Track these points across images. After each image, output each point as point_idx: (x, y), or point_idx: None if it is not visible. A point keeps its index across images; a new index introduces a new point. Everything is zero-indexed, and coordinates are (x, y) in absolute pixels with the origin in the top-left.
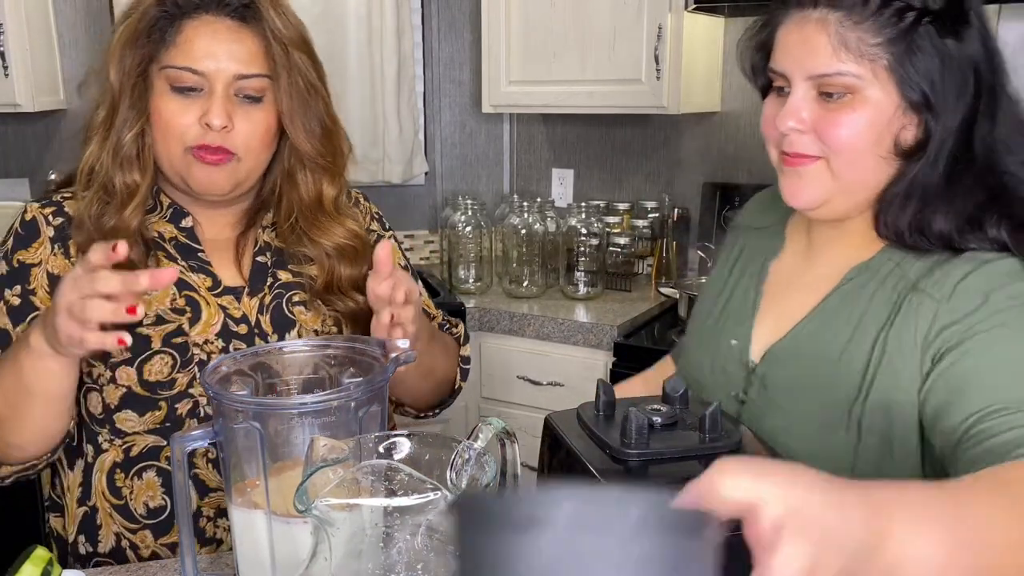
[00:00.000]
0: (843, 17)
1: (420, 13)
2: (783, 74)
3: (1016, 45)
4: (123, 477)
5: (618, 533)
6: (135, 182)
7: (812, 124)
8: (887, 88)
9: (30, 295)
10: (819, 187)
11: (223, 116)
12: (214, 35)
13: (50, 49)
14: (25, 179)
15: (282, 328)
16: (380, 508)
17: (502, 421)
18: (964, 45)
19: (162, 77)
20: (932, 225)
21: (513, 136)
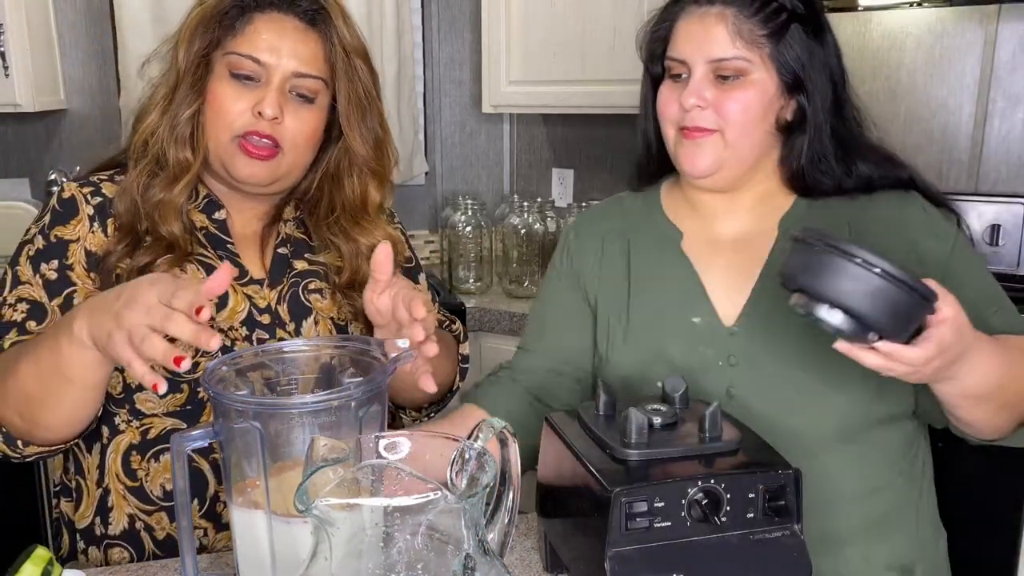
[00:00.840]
0: (737, 12)
1: (420, 13)
2: (683, 61)
3: (1016, 45)
4: (139, 459)
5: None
6: (187, 159)
7: (711, 101)
8: (770, 71)
9: (67, 270)
10: (714, 155)
11: (275, 107)
12: (281, 31)
13: (50, 49)
14: (25, 179)
15: (299, 316)
16: (380, 508)
17: (502, 421)
18: (823, 48)
19: (223, 62)
20: (857, 172)
21: (513, 136)
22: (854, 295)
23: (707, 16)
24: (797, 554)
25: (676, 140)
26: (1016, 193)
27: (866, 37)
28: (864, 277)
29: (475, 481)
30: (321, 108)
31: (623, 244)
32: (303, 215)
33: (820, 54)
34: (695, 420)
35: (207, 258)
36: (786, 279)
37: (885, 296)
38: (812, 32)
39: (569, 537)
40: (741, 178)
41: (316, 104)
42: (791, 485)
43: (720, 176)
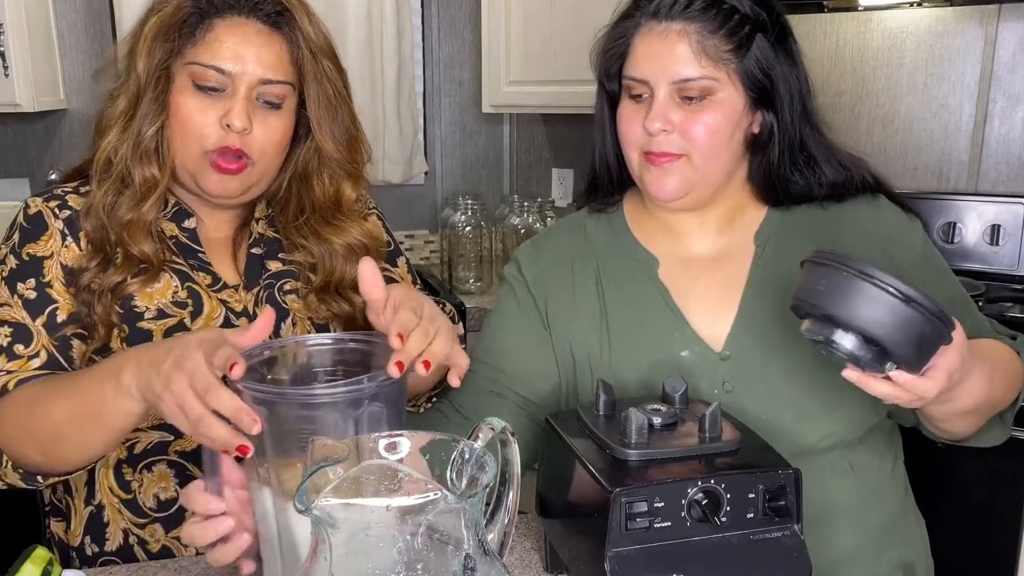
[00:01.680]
0: (700, 28)
1: (420, 13)
2: (644, 80)
3: (1016, 45)
4: (131, 471)
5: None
6: (154, 176)
7: (677, 124)
8: (737, 88)
9: (46, 288)
10: (682, 180)
11: (244, 118)
12: (244, 37)
13: (50, 49)
14: (25, 179)
15: (277, 319)
16: (380, 508)
17: (502, 421)
18: (788, 56)
19: (185, 73)
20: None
21: (513, 136)
22: (881, 324)
23: (668, 33)
24: (797, 554)
25: (641, 164)
26: (1016, 193)
27: (866, 37)
28: (893, 305)
29: (475, 481)
30: (289, 112)
31: (594, 273)
32: (274, 213)
33: (785, 62)
34: (695, 420)
35: (179, 265)
36: (804, 304)
37: (912, 325)
38: (776, 40)
39: (569, 537)
40: (711, 197)
41: (284, 109)
42: (791, 485)
43: (689, 198)
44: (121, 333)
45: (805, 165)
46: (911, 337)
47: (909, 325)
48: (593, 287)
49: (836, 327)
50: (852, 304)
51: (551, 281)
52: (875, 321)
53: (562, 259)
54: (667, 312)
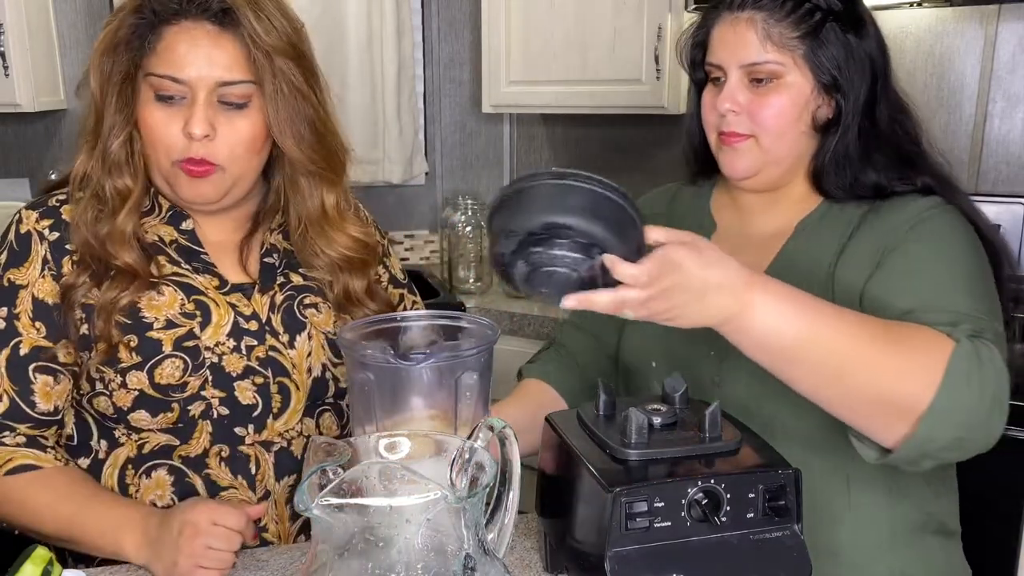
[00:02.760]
0: (767, 16)
1: (420, 13)
2: (719, 65)
3: (1016, 45)
4: (133, 474)
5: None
6: (127, 186)
7: (745, 106)
8: (804, 73)
9: (14, 319)
10: (751, 159)
11: (204, 125)
12: (193, 41)
13: (50, 49)
14: (25, 179)
15: (292, 330)
16: (380, 508)
17: (502, 421)
18: (862, 41)
19: (147, 84)
20: (866, 179)
21: (513, 136)
22: (572, 209)
23: (738, 22)
24: (797, 554)
25: (717, 145)
26: (1016, 193)
27: None
28: (561, 188)
29: (475, 481)
30: (257, 110)
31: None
32: (287, 225)
33: (859, 51)
34: (695, 420)
35: (182, 275)
36: (498, 251)
37: (596, 202)
38: (851, 28)
39: (569, 537)
40: (783, 178)
41: (251, 107)
42: (791, 485)
43: (760, 178)
44: (131, 343)
45: (857, 158)
46: (598, 216)
47: (593, 202)
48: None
49: (532, 240)
50: (532, 208)
51: None
52: (565, 208)
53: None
54: None
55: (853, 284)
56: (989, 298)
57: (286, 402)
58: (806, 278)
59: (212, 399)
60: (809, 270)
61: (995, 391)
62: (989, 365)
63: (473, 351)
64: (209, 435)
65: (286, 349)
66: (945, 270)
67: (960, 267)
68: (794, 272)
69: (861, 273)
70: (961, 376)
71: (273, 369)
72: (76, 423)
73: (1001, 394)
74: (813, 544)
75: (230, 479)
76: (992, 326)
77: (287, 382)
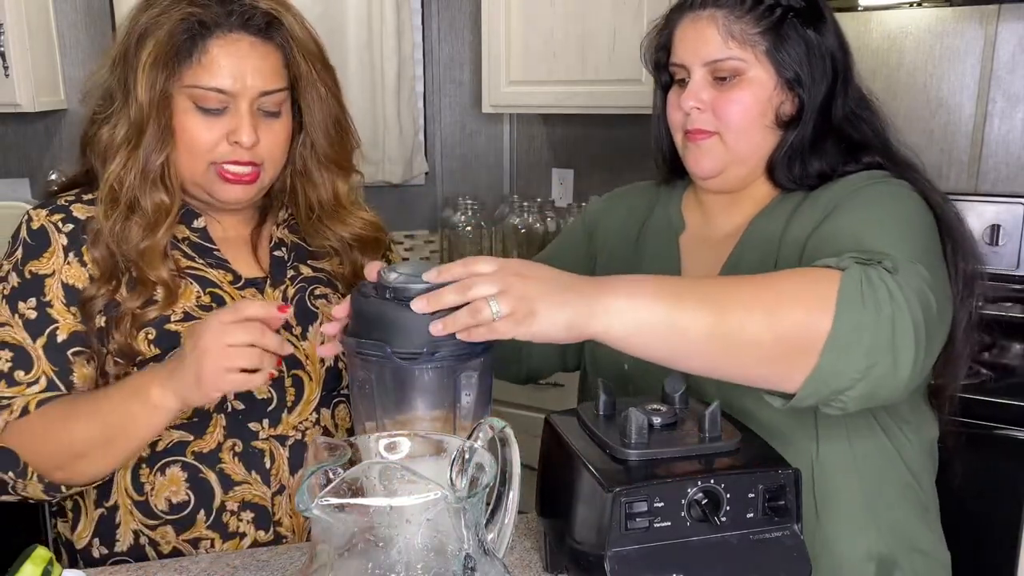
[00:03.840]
0: (728, 13)
1: (420, 13)
2: (683, 65)
3: (1016, 45)
4: (147, 472)
5: None
6: (164, 202)
7: (709, 103)
8: (767, 69)
9: (47, 307)
10: (716, 157)
11: (252, 133)
12: (239, 53)
13: (50, 49)
14: (25, 179)
15: (305, 321)
16: (381, 508)
17: (502, 421)
18: (823, 37)
19: (185, 95)
20: (812, 169)
21: (513, 136)
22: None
23: (699, 20)
24: (797, 554)
25: (683, 144)
26: (1016, 193)
27: (866, 37)
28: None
29: (475, 481)
30: (287, 114)
31: (640, 223)
32: (294, 218)
33: (820, 47)
34: (695, 420)
35: (198, 269)
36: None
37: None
38: (811, 24)
39: (569, 537)
40: (746, 178)
41: (283, 114)
42: (791, 485)
43: (725, 177)
44: (148, 336)
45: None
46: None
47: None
48: (635, 230)
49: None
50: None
51: (610, 213)
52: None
53: (624, 207)
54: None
55: (798, 248)
56: (921, 248)
57: (300, 394)
58: (757, 267)
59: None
60: (761, 258)
61: (892, 312)
62: (881, 285)
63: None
64: (223, 429)
65: (299, 341)
66: (880, 219)
67: (895, 220)
68: (748, 263)
69: (805, 235)
70: (854, 298)
71: (287, 361)
72: None
73: (899, 317)
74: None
75: (244, 474)
76: (909, 265)
77: (301, 374)
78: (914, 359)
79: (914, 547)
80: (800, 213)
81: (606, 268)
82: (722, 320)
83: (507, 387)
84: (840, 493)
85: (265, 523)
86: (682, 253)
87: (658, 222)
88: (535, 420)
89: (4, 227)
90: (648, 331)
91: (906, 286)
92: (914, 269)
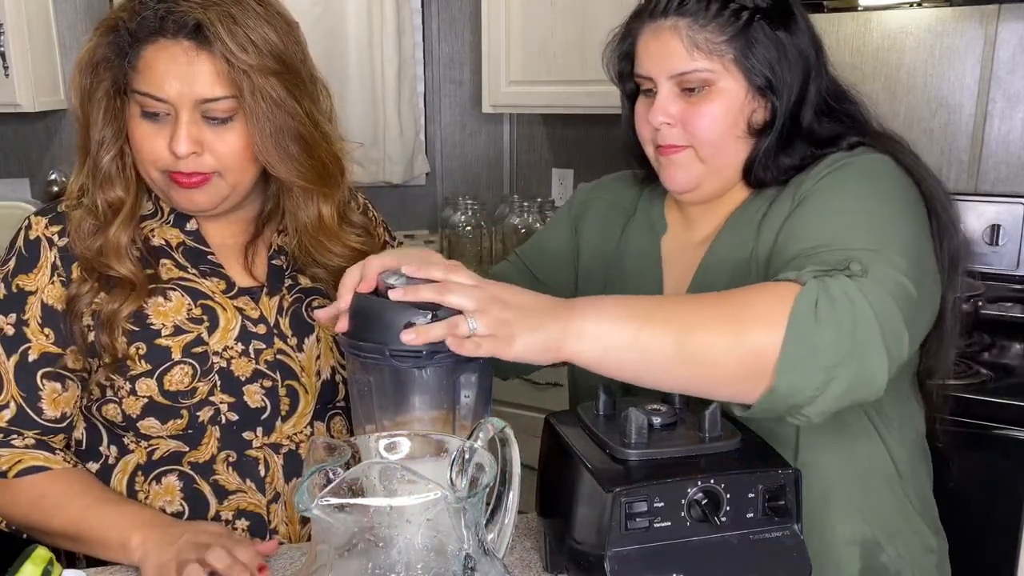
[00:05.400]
0: (691, 23)
1: (420, 13)
2: (648, 77)
3: (1016, 45)
4: (142, 480)
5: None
6: (119, 198)
7: (679, 117)
8: (736, 78)
9: (23, 325)
10: (691, 171)
11: (188, 143)
12: (172, 59)
13: (50, 49)
14: (25, 179)
15: (301, 333)
16: (381, 508)
17: (502, 421)
18: (794, 37)
19: (135, 101)
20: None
21: (513, 136)
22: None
23: (661, 30)
24: (797, 554)
25: (655, 158)
26: (1016, 193)
27: (866, 37)
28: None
29: (475, 481)
30: (243, 123)
31: (624, 220)
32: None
33: (791, 48)
34: (695, 420)
35: (189, 280)
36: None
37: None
38: (780, 24)
39: (569, 537)
40: (724, 186)
41: (236, 120)
42: (791, 485)
43: (700, 191)
44: (139, 351)
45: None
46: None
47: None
48: (617, 228)
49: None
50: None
51: (591, 212)
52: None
53: (608, 202)
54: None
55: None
56: (896, 230)
57: (294, 405)
58: (731, 266)
59: (220, 404)
60: (734, 257)
61: (853, 325)
62: (841, 298)
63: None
64: (217, 440)
65: (295, 352)
66: (849, 207)
67: (867, 203)
68: (722, 264)
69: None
70: (807, 316)
71: (282, 372)
72: (86, 428)
73: (862, 328)
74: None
75: (238, 483)
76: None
77: (296, 385)
78: (887, 360)
79: (899, 531)
80: (774, 208)
81: (588, 266)
82: (687, 342)
83: (507, 387)
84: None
85: (261, 531)
86: (663, 255)
87: (641, 222)
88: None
89: (4, 227)
90: (616, 353)
91: (875, 288)
92: (886, 260)
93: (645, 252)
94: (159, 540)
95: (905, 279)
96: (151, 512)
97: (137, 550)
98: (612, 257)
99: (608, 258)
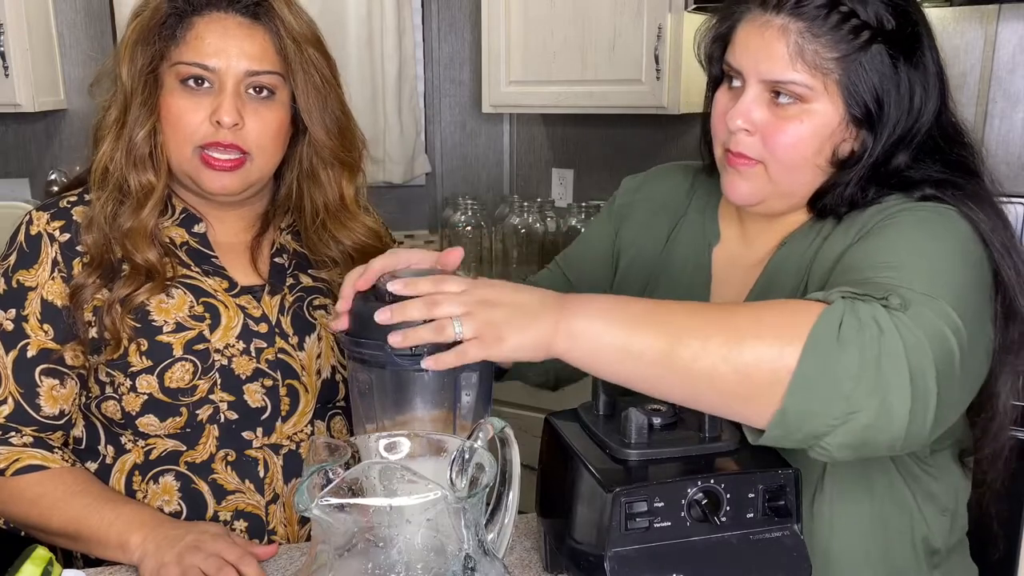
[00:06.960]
0: (804, 28)
1: (420, 13)
2: (739, 71)
3: (1016, 45)
4: (140, 480)
5: None
6: (150, 182)
7: (760, 127)
8: (835, 101)
9: (23, 321)
10: (755, 187)
11: (233, 113)
12: (225, 31)
13: (50, 49)
14: (25, 179)
15: (302, 331)
16: (381, 508)
17: (502, 421)
18: (914, 70)
19: (172, 74)
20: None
21: (513, 136)
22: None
23: (768, 26)
24: (797, 554)
25: (721, 161)
26: (1016, 193)
27: None
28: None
29: (475, 481)
30: (283, 103)
31: (671, 222)
32: (297, 225)
33: (905, 82)
34: (695, 420)
35: (192, 277)
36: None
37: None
38: (901, 53)
39: (569, 537)
40: (788, 208)
41: (277, 99)
42: (791, 485)
43: (763, 207)
44: (140, 348)
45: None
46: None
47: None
48: (664, 231)
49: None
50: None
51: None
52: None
53: (658, 202)
54: (699, 289)
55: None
56: (953, 283)
57: (295, 404)
58: (789, 294)
59: (220, 403)
60: (791, 285)
61: (879, 354)
62: (870, 324)
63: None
64: (215, 439)
65: (295, 351)
66: (904, 248)
67: (924, 248)
68: (778, 289)
69: (833, 258)
70: (829, 335)
71: (282, 371)
72: (85, 426)
73: (889, 360)
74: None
75: (237, 483)
76: (929, 301)
77: (296, 384)
78: (910, 409)
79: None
80: (833, 238)
81: (627, 270)
82: (675, 348)
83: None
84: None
85: (259, 532)
86: (714, 269)
87: (692, 227)
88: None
89: (4, 227)
90: (604, 355)
91: (912, 326)
92: (934, 306)
93: (694, 262)
94: (159, 540)
95: (949, 332)
96: (150, 512)
97: (136, 550)
98: (656, 262)
99: (651, 262)
